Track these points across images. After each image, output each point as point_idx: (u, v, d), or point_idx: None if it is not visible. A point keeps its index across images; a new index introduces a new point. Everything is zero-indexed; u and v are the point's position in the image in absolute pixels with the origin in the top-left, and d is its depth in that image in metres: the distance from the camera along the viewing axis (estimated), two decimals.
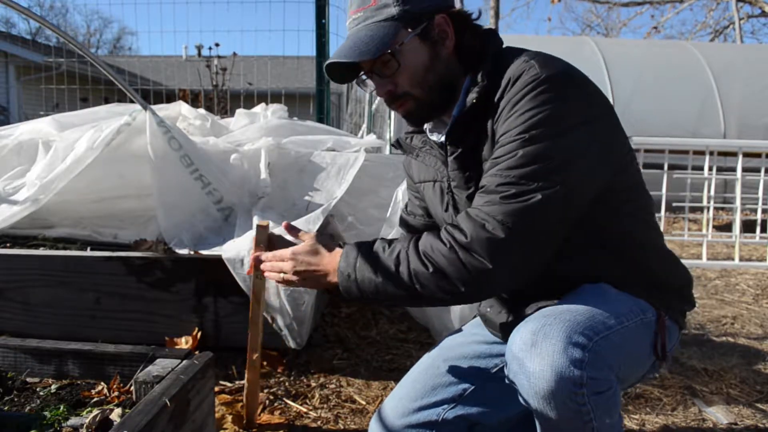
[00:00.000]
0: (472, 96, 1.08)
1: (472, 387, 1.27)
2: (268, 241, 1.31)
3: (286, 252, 1.16)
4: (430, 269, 1.01)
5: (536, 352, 0.93)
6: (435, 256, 1.01)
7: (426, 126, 1.26)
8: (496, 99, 1.06)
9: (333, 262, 1.12)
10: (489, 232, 0.98)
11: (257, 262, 1.26)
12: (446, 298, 1.03)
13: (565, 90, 1.02)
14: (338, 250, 1.13)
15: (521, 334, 0.97)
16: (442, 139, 1.19)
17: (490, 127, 1.08)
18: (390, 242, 1.09)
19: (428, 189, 1.30)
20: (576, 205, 1.03)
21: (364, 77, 1.18)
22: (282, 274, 1.17)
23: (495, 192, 1.00)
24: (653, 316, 1.10)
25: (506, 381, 1.01)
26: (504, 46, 1.17)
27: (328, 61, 1.14)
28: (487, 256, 0.97)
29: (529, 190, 0.98)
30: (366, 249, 1.08)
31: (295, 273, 1.15)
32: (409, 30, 1.10)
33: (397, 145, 1.33)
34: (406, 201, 1.49)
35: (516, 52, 1.11)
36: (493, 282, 1.01)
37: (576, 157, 1.01)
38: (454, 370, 1.29)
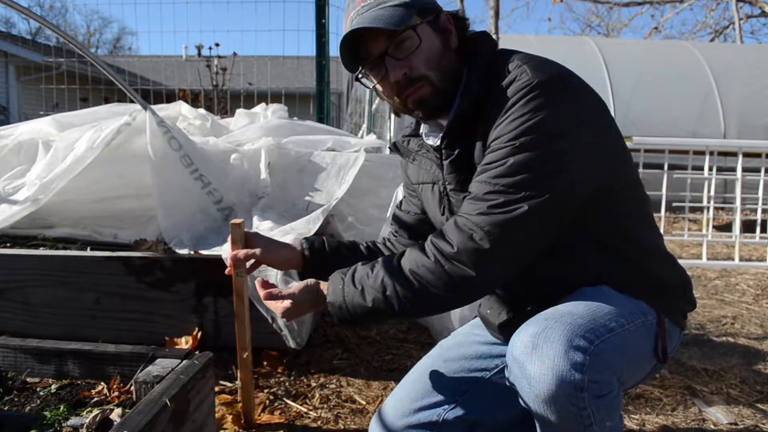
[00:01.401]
0: (466, 101, 1.10)
1: (473, 388, 1.27)
2: (244, 239, 1.32)
3: (286, 299, 1.17)
4: (416, 286, 1.04)
5: (537, 355, 0.93)
6: (420, 272, 1.04)
7: (422, 131, 1.27)
8: (489, 104, 1.07)
9: (322, 293, 1.15)
10: (476, 243, 1.00)
11: (235, 260, 1.29)
12: (434, 309, 1.10)
13: (556, 95, 1.02)
14: (324, 284, 1.16)
15: (522, 337, 0.97)
16: (438, 142, 1.20)
17: (482, 132, 1.08)
18: (372, 266, 1.11)
19: (426, 191, 1.30)
20: (564, 211, 1.03)
21: (365, 71, 1.16)
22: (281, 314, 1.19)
23: (483, 200, 1.02)
24: (654, 318, 1.09)
25: (507, 383, 1.01)
26: (498, 48, 1.17)
27: (349, 29, 1.11)
28: (472, 265, 1.01)
29: (516, 199, 0.99)
30: (349, 279, 1.11)
31: (291, 314, 1.17)
32: (421, 18, 1.12)
33: (394, 148, 1.33)
34: (401, 199, 1.50)
35: (509, 55, 1.12)
36: (475, 287, 1.04)
37: (566, 165, 1.01)
38: (454, 371, 1.29)
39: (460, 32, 1.17)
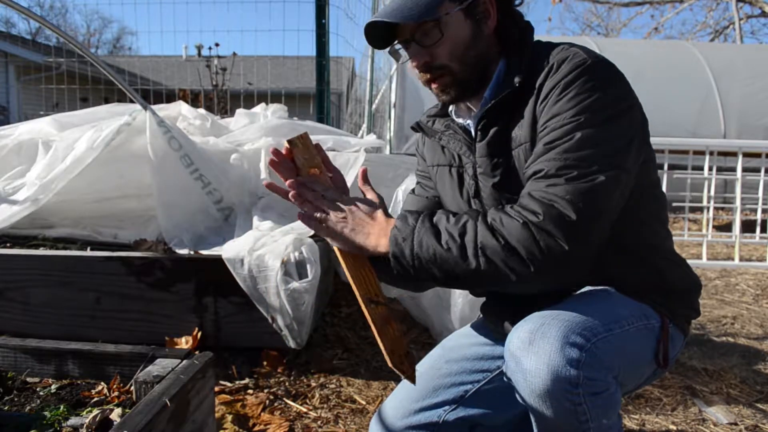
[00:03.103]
0: (516, 79, 1.07)
1: (474, 388, 1.26)
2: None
3: (345, 198, 1.09)
4: (501, 242, 0.95)
5: (533, 350, 0.93)
6: (506, 231, 0.95)
7: (450, 109, 1.24)
8: (538, 83, 1.05)
9: (386, 225, 1.06)
10: (560, 212, 0.94)
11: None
12: (510, 279, 0.95)
13: (611, 75, 1.03)
14: (392, 219, 1.07)
15: (519, 332, 0.97)
16: (469, 122, 1.18)
17: (530, 110, 1.06)
18: (453, 213, 1.03)
19: (443, 173, 1.27)
20: (627, 191, 1.02)
21: (398, 47, 1.15)
22: (325, 215, 1.08)
23: (557, 175, 0.97)
24: (657, 322, 1.09)
25: (505, 379, 1.01)
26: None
27: (370, 20, 1.10)
28: (563, 237, 0.93)
29: (591, 171, 0.96)
30: (426, 215, 1.03)
31: (343, 219, 1.07)
32: (455, 2, 1.09)
33: (417, 127, 1.29)
34: (413, 187, 1.45)
35: (549, 43, 1.12)
36: (569, 264, 0.95)
37: (628, 141, 1.01)
38: (455, 371, 1.28)
39: (502, 16, 1.13)
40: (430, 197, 1.37)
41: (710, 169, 4.63)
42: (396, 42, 1.14)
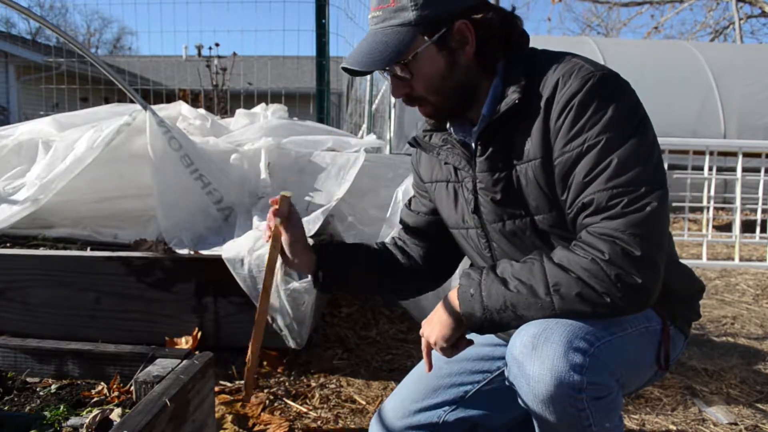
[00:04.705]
0: (513, 96, 1.04)
1: (474, 389, 1.26)
2: (286, 215, 1.30)
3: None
4: (573, 275, 0.95)
5: (536, 355, 0.93)
6: (577, 268, 0.96)
7: (448, 124, 1.22)
8: (545, 97, 1.02)
9: (452, 294, 1.09)
10: (624, 248, 0.94)
11: (276, 234, 1.26)
12: (586, 312, 0.96)
13: (621, 85, 1.02)
14: (454, 289, 1.10)
15: (522, 337, 0.96)
16: (467, 137, 1.16)
17: (539, 126, 1.03)
18: (516, 260, 1.04)
19: (440, 189, 1.26)
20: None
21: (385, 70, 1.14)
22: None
23: (609, 207, 0.96)
24: (658, 325, 1.09)
25: (506, 383, 1.01)
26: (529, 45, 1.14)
27: (342, 65, 1.11)
28: (634, 271, 0.94)
29: (641, 195, 0.95)
30: (490, 267, 1.05)
31: (437, 340, 1.14)
32: (426, 38, 1.06)
33: (414, 143, 1.27)
34: (409, 198, 1.44)
35: (545, 52, 1.10)
36: (645, 293, 0.96)
37: (656, 150, 1.01)
38: (456, 372, 1.28)
39: (482, 38, 1.09)
40: (421, 214, 1.37)
41: (710, 169, 4.63)
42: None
